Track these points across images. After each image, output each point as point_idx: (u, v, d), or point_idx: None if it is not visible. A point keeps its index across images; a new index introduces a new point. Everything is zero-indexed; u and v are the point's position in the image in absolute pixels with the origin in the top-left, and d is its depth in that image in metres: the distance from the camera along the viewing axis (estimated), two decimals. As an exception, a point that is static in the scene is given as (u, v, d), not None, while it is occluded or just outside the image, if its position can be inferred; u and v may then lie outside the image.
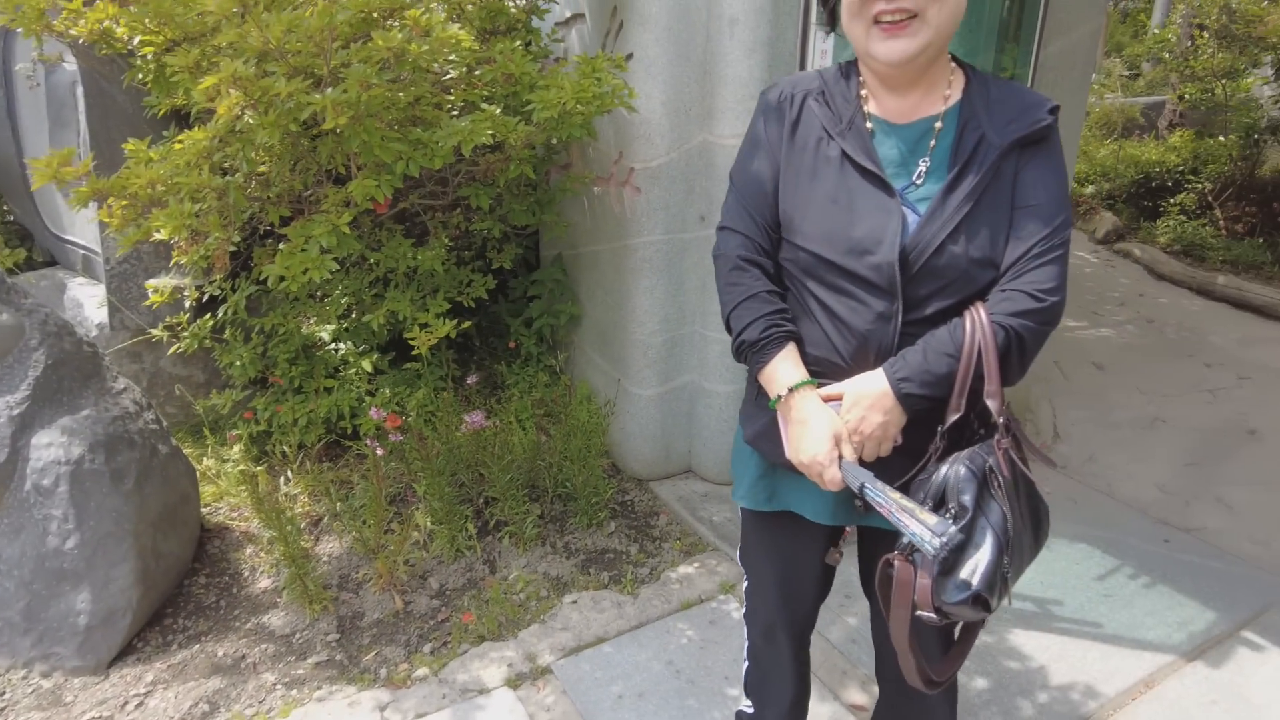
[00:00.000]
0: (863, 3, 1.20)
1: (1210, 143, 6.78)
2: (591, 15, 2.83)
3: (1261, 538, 2.95)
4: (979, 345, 1.21)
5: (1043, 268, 1.24)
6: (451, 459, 2.85)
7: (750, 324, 1.32)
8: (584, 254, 3.26)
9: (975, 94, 1.30)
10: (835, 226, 1.27)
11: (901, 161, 1.30)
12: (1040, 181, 1.26)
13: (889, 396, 1.24)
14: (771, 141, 1.35)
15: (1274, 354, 4.73)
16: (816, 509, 1.43)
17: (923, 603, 1.16)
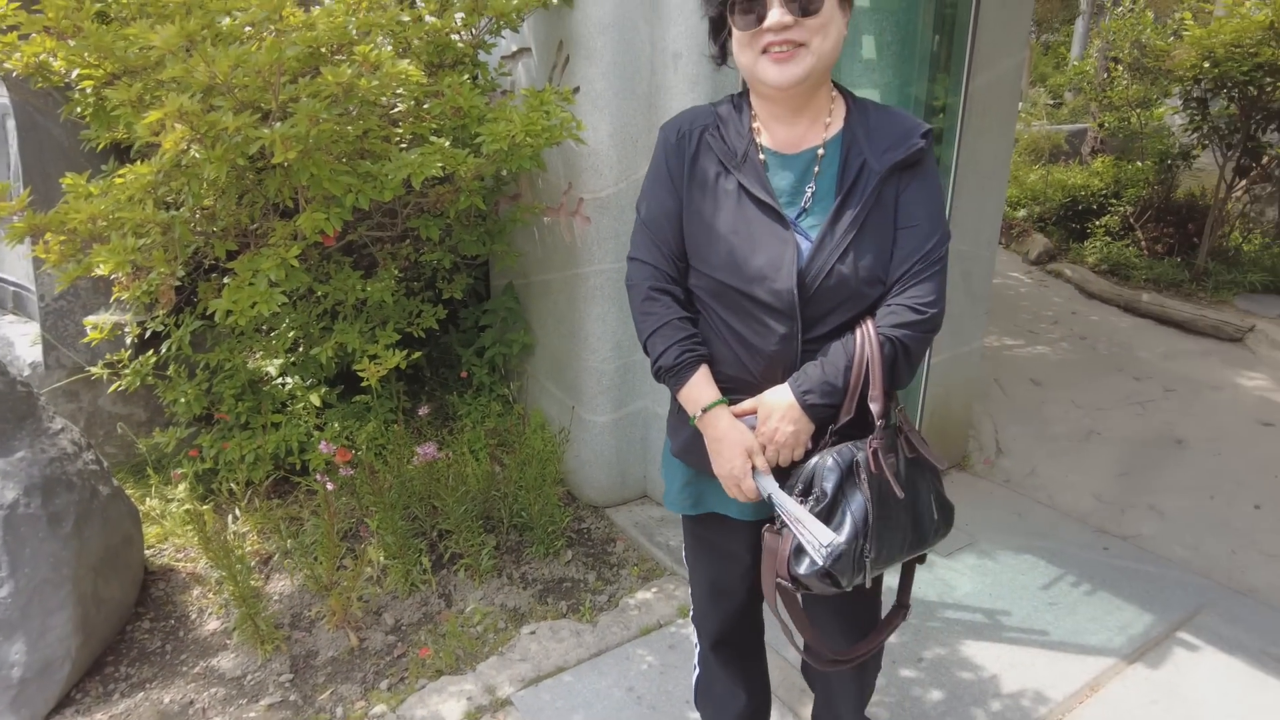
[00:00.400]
0: (753, 35, 1.30)
1: (1129, 168, 7.14)
2: (538, 50, 2.88)
3: (1191, 542, 3.09)
4: (865, 357, 1.34)
5: (923, 283, 1.36)
6: (404, 492, 2.82)
7: (665, 350, 1.42)
8: (535, 283, 3.28)
9: (855, 122, 1.40)
10: (737, 256, 1.36)
11: (793, 191, 1.40)
12: (918, 202, 1.38)
13: (795, 408, 1.36)
14: (674, 176, 1.43)
15: (1196, 367, 4.97)
16: (741, 508, 1.52)
17: (780, 569, 1.33)
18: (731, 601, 1.70)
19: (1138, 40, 6.17)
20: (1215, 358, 5.13)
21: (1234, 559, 2.98)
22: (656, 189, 1.46)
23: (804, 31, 1.28)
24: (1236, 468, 3.67)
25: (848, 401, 1.36)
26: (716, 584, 1.69)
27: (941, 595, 2.71)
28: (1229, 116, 5.80)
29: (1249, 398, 4.51)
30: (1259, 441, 3.96)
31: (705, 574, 1.70)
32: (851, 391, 1.35)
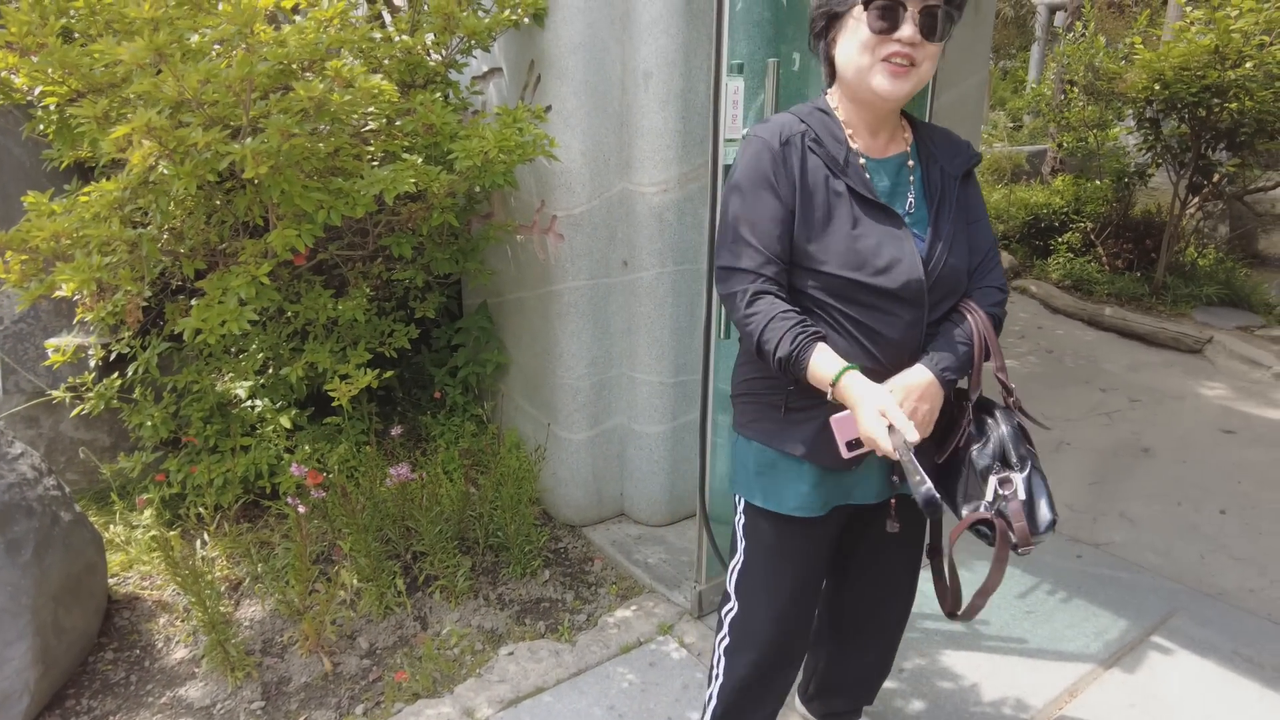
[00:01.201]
0: (880, 41, 1.39)
1: (1088, 186, 7.32)
2: (509, 69, 2.90)
3: (1162, 548, 3.13)
4: (981, 332, 1.50)
5: (996, 267, 1.59)
6: (377, 514, 2.77)
7: (780, 340, 1.44)
8: (509, 301, 3.27)
9: (924, 135, 1.59)
10: (863, 253, 1.45)
11: (891, 192, 1.53)
12: (977, 202, 1.60)
13: (934, 384, 1.47)
14: (781, 181, 1.47)
15: (1159, 377, 5.08)
16: (867, 492, 1.62)
17: (1023, 540, 1.43)
18: (812, 614, 1.76)
19: (1091, 64, 6.35)
20: (1177, 368, 5.25)
21: (1203, 563, 3.03)
22: (758, 194, 1.48)
23: (922, 53, 1.40)
24: (1202, 474, 3.75)
25: (975, 375, 1.52)
26: (798, 595, 1.69)
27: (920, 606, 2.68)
28: (1180, 136, 5.98)
29: (1210, 406, 4.62)
30: (1222, 448, 4.05)
31: (787, 588, 1.68)
32: (977, 366, 1.50)
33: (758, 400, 1.61)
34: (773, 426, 1.59)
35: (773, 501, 1.61)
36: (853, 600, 1.89)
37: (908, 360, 1.49)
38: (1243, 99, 5.31)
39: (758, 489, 1.64)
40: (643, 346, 2.98)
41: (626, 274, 2.93)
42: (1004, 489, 1.47)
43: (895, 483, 1.59)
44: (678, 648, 2.51)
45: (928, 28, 1.38)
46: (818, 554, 1.69)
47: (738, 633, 1.74)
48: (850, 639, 1.94)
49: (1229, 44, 5.24)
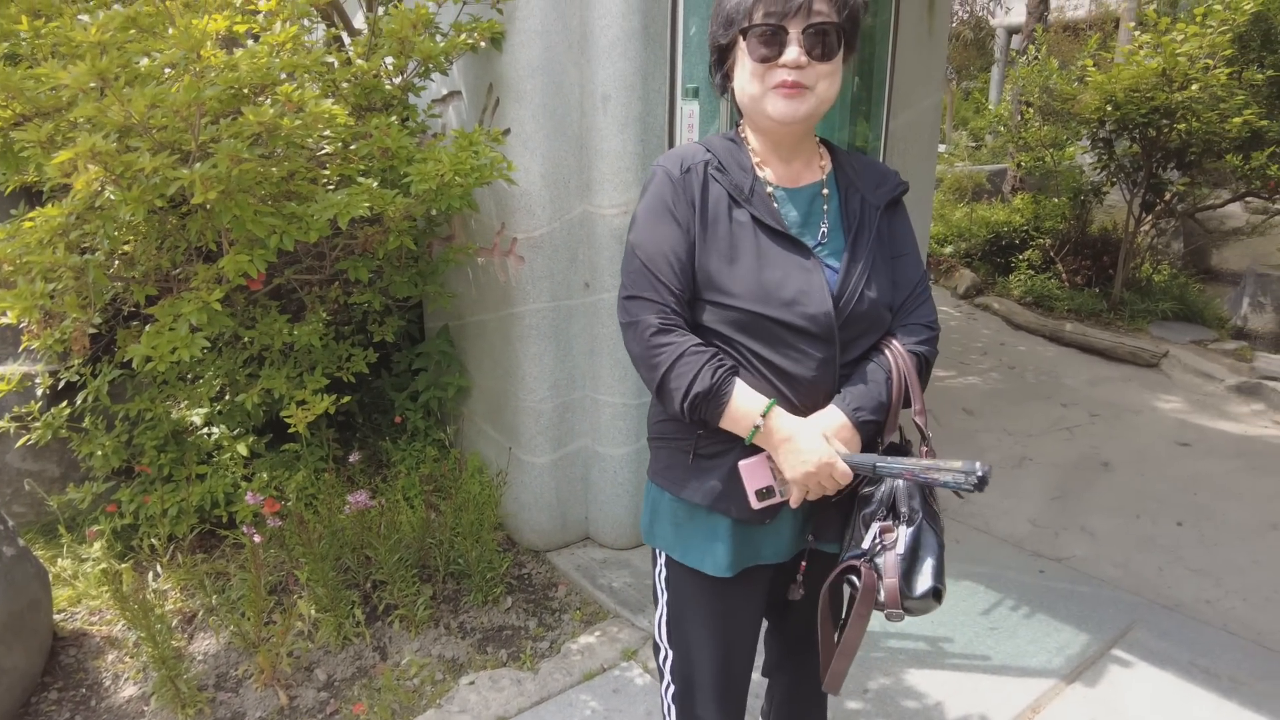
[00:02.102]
0: (767, 68, 1.34)
1: (1047, 204, 7.48)
2: (468, 92, 2.89)
3: (1120, 561, 3.17)
4: (902, 372, 1.41)
5: (925, 303, 1.50)
6: (335, 542, 2.72)
7: (696, 375, 1.34)
8: (470, 324, 3.24)
9: (843, 164, 1.51)
10: (767, 285, 1.37)
11: (803, 223, 1.44)
12: (904, 235, 1.51)
13: (848, 426, 1.37)
14: (681, 212, 1.40)
15: (1118, 392, 5.17)
16: (778, 550, 1.51)
17: (891, 602, 1.29)
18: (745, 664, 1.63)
19: (1045, 86, 6.51)
20: (1135, 383, 5.35)
21: (1161, 575, 3.07)
22: (659, 225, 1.41)
23: (814, 74, 1.34)
24: (1159, 487, 3.81)
25: (891, 418, 1.41)
26: (731, 650, 1.59)
27: (884, 625, 2.72)
28: (1132, 156, 6.14)
29: (1167, 420, 4.71)
30: (1178, 461, 4.12)
31: (717, 644, 1.58)
32: (894, 407, 1.41)
33: (668, 445, 1.51)
34: (681, 474, 1.48)
35: (688, 557, 1.52)
36: (793, 633, 1.82)
37: (821, 400, 1.39)
38: (1190, 120, 5.47)
39: (668, 541, 1.55)
40: (605, 368, 2.97)
41: (588, 295, 2.93)
42: (884, 537, 1.34)
43: (810, 540, 1.48)
44: (641, 673, 2.48)
45: (814, 48, 1.32)
46: (740, 612, 1.58)
47: (681, 679, 1.65)
48: (795, 671, 1.87)
49: (1175, 67, 5.40)
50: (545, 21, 2.59)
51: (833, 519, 1.47)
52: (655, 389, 1.40)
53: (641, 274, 1.41)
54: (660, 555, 1.62)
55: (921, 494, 1.40)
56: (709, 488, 1.44)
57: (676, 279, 1.39)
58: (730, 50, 1.41)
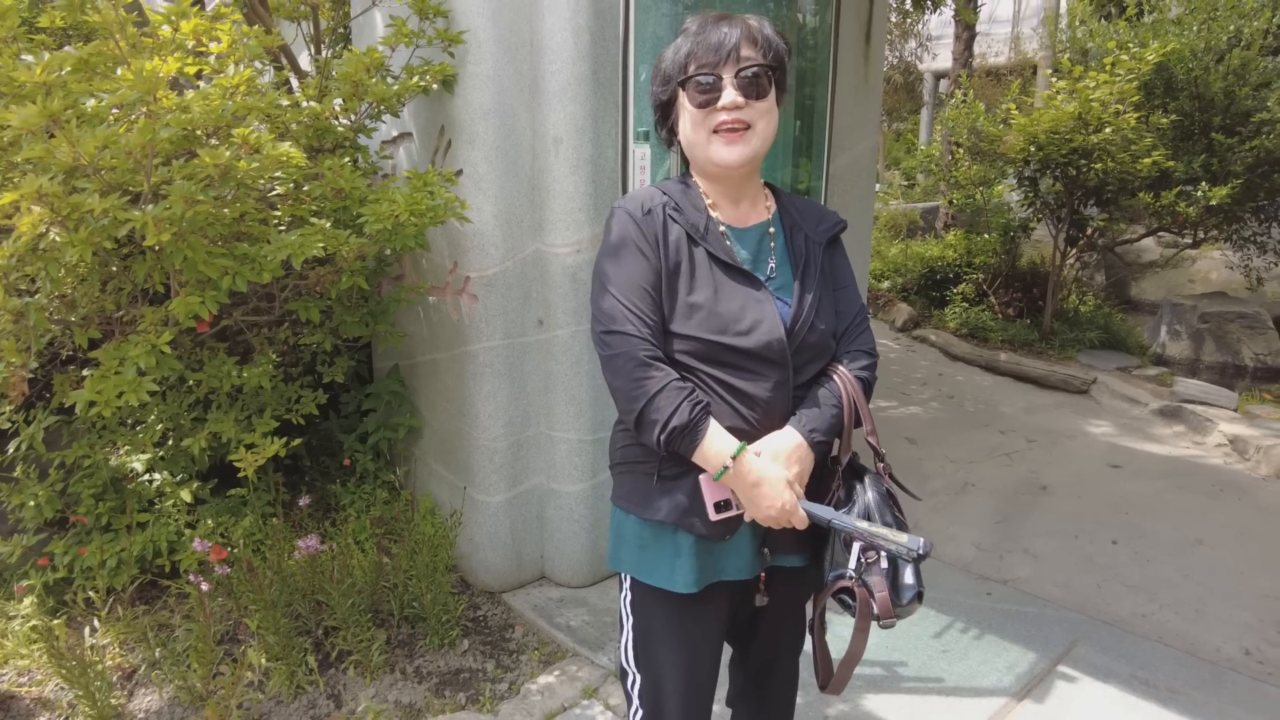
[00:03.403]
0: (707, 114, 1.45)
1: (978, 240, 7.80)
2: (419, 134, 2.92)
3: (1062, 580, 3.29)
4: (850, 395, 1.53)
5: (865, 332, 1.63)
6: (285, 589, 2.65)
7: (676, 410, 1.42)
8: (421, 363, 3.23)
9: (786, 204, 1.63)
10: (725, 317, 1.47)
11: (753, 259, 1.55)
12: (844, 269, 1.64)
13: (803, 447, 1.47)
14: (648, 248, 1.49)
15: (1052, 418, 5.38)
16: (740, 567, 1.57)
17: (885, 611, 1.39)
18: (709, 686, 1.67)
19: (973, 127, 6.84)
20: (1067, 409, 5.58)
21: (1100, 592, 3.19)
22: (627, 262, 1.49)
23: (752, 113, 1.44)
24: (1094, 508, 3.97)
25: (845, 439, 1.53)
26: (695, 670, 1.63)
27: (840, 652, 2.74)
28: (1056, 193, 6.47)
29: (1098, 444, 4.91)
30: (1111, 482, 4.30)
31: (681, 664, 1.62)
32: (847, 428, 1.52)
33: (633, 470, 1.58)
34: (645, 495, 1.55)
35: (652, 576, 1.57)
36: (755, 663, 1.87)
37: (777, 421, 1.49)
38: (1105, 160, 5.79)
39: (633, 564, 1.60)
40: (560, 404, 2.99)
41: (542, 333, 2.95)
42: (867, 556, 1.44)
43: (766, 555, 1.56)
44: (603, 710, 2.47)
45: (748, 90, 1.43)
46: (704, 631, 1.63)
47: (649, 703, 1.68)
48: (757, 700, 1.91)
49: (1090, 111, 5.73)
50: (497, 66, 2.64)
51: (788, 536, 1.54)
52: (634, 420, 1.46)
53: (617, 308, 1.48)
54: (625, 579, 1.66)
55: (890, 507, 1.52)
56: (674, 504, 1.52)
57: (652, 311, 1.48)
58: (672, 105, 1.52)
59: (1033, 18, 13.72)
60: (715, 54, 1.42)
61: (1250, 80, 5.90)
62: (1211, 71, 5.89)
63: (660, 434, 1.42)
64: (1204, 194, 5.73)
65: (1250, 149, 5.75)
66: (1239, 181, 5.74)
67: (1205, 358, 6.26)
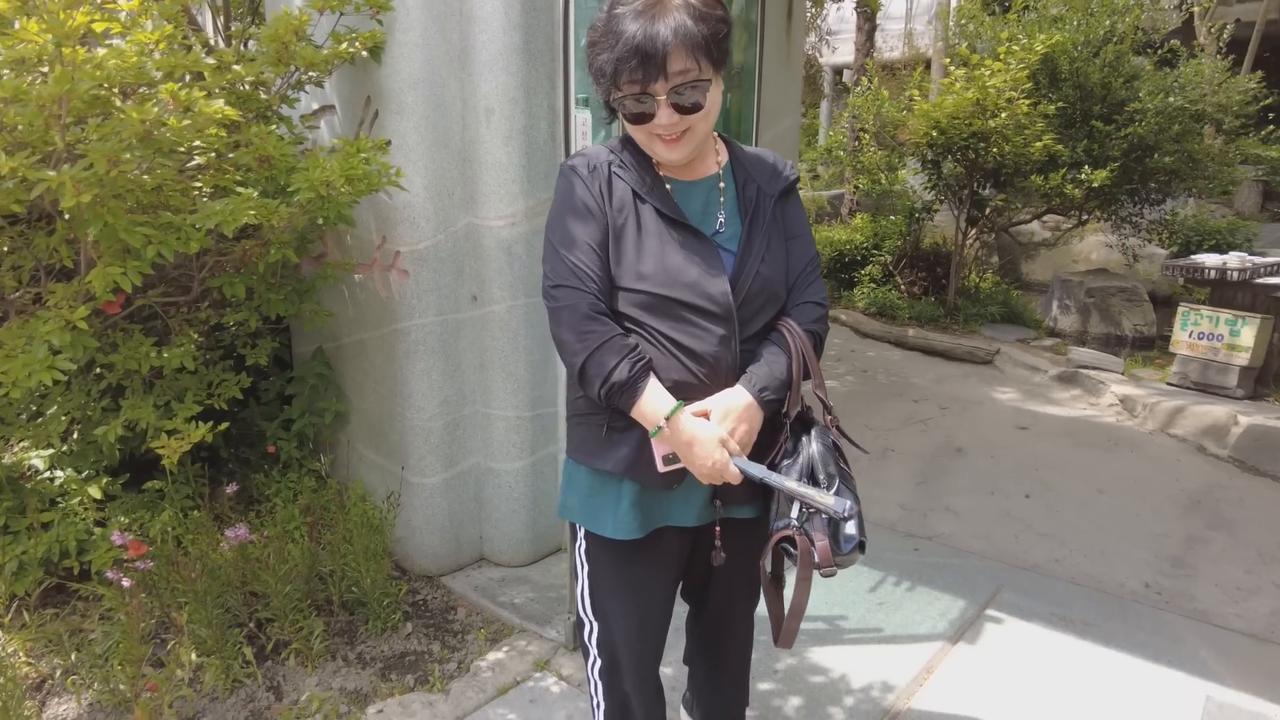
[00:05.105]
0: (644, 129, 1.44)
1: (884, 223, 8.11)
2: (343, 106, 2.82)
3: (982, 534, 3.47)
4: (800, 351, 1.53)
5: (816, 282, 1.62)
6: (215, 581, 2.52)
7: (617, 365, 1.44)
8: (347, 345, 3.12)
9: (738, 156, 1.62)
10: (671, 271, 1.47)
11: (702, 212, 1.55)
12: (797, 219, 1.64)
13: (754, 406, 1.48)
14: (593, 206, 1.50)
15: (961, 387, 5.66)
16: (687, 514, 1.59)
17: (825, 561, 1.43)
18: (660, 633, 1.71)
19: (879, 113, 7.10)
20: (974, 378, 5.88)
21: (1017, 542, 3.39)
22: (573, 218, 1.50)
23: (688, 121, 1.42)
24: (1006, 467, 4.20)
25: (794, 394, 1.53)
26: (647, 616, 1.67)
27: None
28: (957, 176, 6.79)
29: (1005, 408, 5.20)
30: (1019, 443, 4.57)
31: (633, 610, 1.66)
32: (796, 383, 1.52)
33: (584, 421, 1.60)
34: (596, 447, 1.57)
35: (595, 524, 1.60)
36: (708, 621, 1.92)
37: (725, 375, 1.50)
38: (1001, 144, 6.12)
39: (580, 512, 1.63)
40: (497, 381, 2.95)
41: (476, 308, 2.90)
42: (809, 507, 1.47)
43: (718, 506, 1.58)
44: (556, 681, 2.46)
45: (683, 104, 1.39)
46: (654, 576, 1.67)
47: (606, 651, 1.72)
48: (714, 657, 1.97)
49: (987, 97, 6.04)
50: (425, 35, 2.58)
51: (740, 488, 1.55)
52: (578, 374, 1.48)
53: (563, 263, 1.49)
54: (580, 530, 1.69)
55: (835, 457, 1.54)
56: (621, 456, 1.54)
57: (598, 266, 1.48)
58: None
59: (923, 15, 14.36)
60: (643, 70, 1.35)
61: (1123, 73, 6.35)
62: (1090, 64, 6.31)
63: (601, 388, 1.45)
64: (1086, 177, 6.13)
65: (1125, 136, 6.19)
66: (1116, 165, 6.18)
67: (1092, 329, 6.70)
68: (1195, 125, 6.46)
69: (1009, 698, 2.38)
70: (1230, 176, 6.89)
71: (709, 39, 1.37)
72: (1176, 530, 3.52)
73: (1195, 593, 3.02)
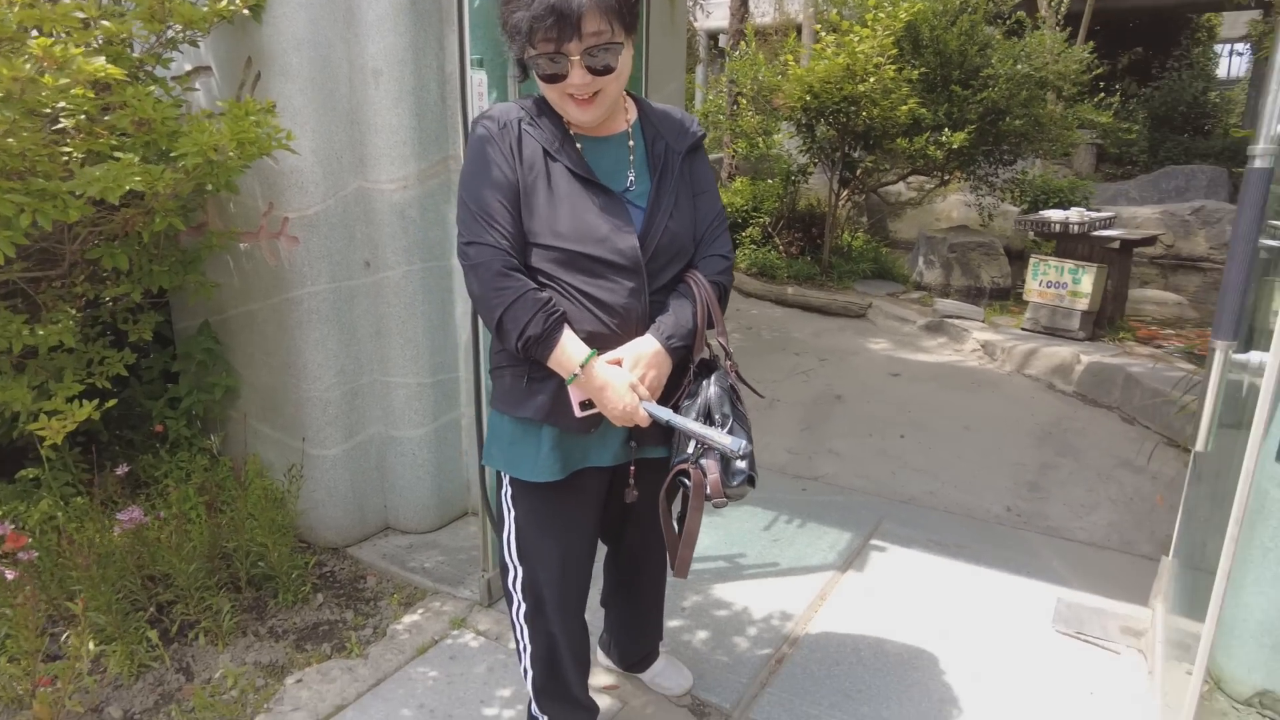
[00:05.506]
0: (557, 89, 1.48)
1: (762, 186, 8.38)
2: (220, 67, 2.69)
3: (863, 472, 3.75)
4: (705, 300, 1.62)
5: (722, 235, 1.72)
6: (110, 567, 2.43)
7: (530, 320, 1.50)
8: (235, 316, 3.02)
9: (648, 113, 1.68)
10: (582, 226, 1.54)
11: (612, 169, 1.61)
12: (704, 175, 1.72)
13: (662, 353, 1.58)
14: (503, 162, 1.54)
15: (837, 339, 6.00)
16: (604, 455, 1.69)
17: (716, 492, 1.55)
18: (583, 573, 1.81)
19: (755, 78, 7.30)
20: (849, 331, 6.24)
21: (895, 478, 3.69)
22: (484, 175, 1.53)
23: (600, 83, 1.47)
24: (882, 410, 4.53)
25: (699, 341, 1.63)
26: (570, 556, 1.76)
27: (688, 554, 2.99)
28: (829, 139, 7.09)
29: (879, 358, 5.57)
30: (893, 388, 4.92)
31: (557, 551, 1.75)
32: (700, 331, 1.62)
33: (506, 371, 1.66)
34: (517, 397, 1.64)
35: (518, 470, 1.69)
36: (624, 560, 2.06)
37: (635, 325, 1.58)
38: (870, 108, 6.44)
39: (502, 459, 1.71)
40: (396, 348, 2.94)
41: (370, 275, 2.87)
42: (705, 444, 1.57)
43: (633, 447, 1.69)
44: (474, 636, 2.53)
45: (596, 66, 1.44)
46: (576, 517, 1.76)
47: (530, 595, 1.81)
48: (629, 595, 2.12)
49: (856, 63, 6.33)
50: (307, -8, 2.50)
51: (653, 428, 1.66)
52: (494, 328, 1.55)
53: (476, 221, 1.54)
54: (505, 477, 1.76)
55: (730, 399, 1.65)
56: (539, 403, 1.62)
57: (509, 222, 1.54)
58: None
59: (793, -21, 14.66)
60: (558, 29, 1.39)
61: (978, 41, 6.79)
62: (948, 32, 6.70)
63: (518, 341, 1.52)
64: (947, 139, 6.55)
65: (980, 100, 6.64)
66: (973, 128, 6.62)
67: (954, 282, 7.22)
68: (1040, 92, 7.00)
69: (895, 615, 2.62)
70: (1070, 139, 7.53)
71: (622, 2, 1.43)
72: (1031, 459, 3.92)
73: (1048, 512, 3.39)
